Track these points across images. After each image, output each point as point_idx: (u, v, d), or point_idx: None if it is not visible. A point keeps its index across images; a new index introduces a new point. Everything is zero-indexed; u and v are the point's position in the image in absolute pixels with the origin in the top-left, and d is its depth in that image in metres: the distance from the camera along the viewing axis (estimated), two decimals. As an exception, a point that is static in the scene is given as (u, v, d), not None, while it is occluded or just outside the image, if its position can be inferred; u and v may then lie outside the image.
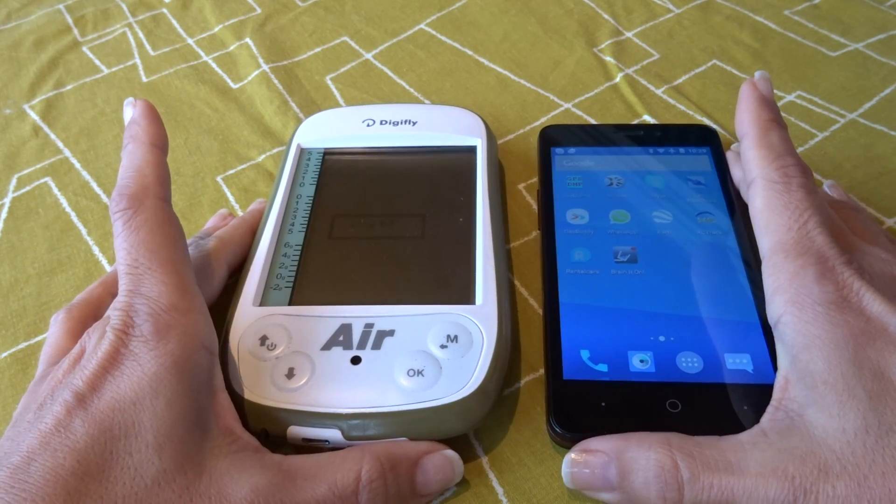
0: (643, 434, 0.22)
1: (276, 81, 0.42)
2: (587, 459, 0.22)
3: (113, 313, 0.22)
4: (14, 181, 0.37)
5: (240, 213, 0.35)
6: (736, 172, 0.31)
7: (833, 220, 0.25)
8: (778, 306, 0.23)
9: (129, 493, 0.19)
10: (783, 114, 0.37)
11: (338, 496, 0.21)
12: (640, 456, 0.21)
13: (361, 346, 0.25)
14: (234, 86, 0.42)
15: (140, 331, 0.21)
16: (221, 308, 0.30)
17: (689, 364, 0.25)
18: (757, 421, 0.24)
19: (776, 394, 0.22)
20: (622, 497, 0.22)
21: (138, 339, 0.21)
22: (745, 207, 0.26)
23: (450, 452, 0.23)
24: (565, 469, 0.23)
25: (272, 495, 0.20)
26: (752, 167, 0.25)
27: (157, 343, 0.21)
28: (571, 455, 0.23)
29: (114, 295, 0.27)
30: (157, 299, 0.22)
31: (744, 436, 0.21)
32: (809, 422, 0.21)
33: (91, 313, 0.26)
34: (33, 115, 0.41)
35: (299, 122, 0.37)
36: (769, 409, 0.22)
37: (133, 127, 0.25)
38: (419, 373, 0.24)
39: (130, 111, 0.26)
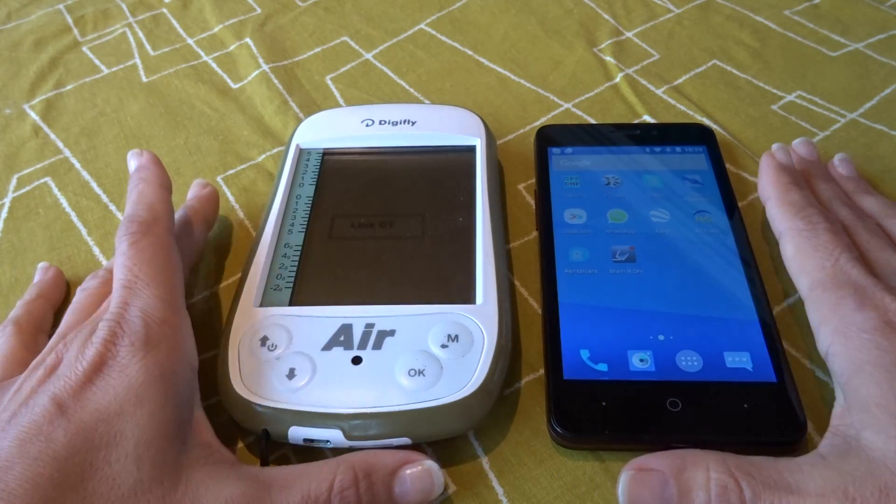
0: (698, 453, 0.22)
1: (276, 81, 0.42)
2: (645, 479, 0.22)
3: (103, 324, 0.22)
4: (14, 181, 0.37)
5: (240, 214, 0.35)
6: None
7: (868, 251, 0.26)
8: (825, 337, 0.24)
9: (106, 503, 0.19)
10: (783, 113, 0.38)
11: None
12: (700, 476, 0.21)
13: (362, 346, 0.25)
14: (234, 86, 0.42)
15: (130, 340, 0.22)
16: (222, 308, 0.30)
17: (689, 363, 0.25)
18: (757, 419, 0.24)
19: (833, 420, 0.23)
20: None
21: (127, 348, 0.21)
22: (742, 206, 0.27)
23: (430, 464, 0.23)
24: (622, 488, 0.22)
25: None
26: (779, 223, 0.27)
27: (147, 353, 0.21)
28: (628, 473, 0.22)
29: (55, 306, 0.29)
30: (151, 312, 0.22)
31: (801, 458, 0.22)
32: (866, 445, 0.21)
33: (38, 326, 0.28)
34: (33, 115, 0.41)
35: (299, 122, 0.37)
36: (827, 434, 0.23)
37: (143, 171, 0.28)
38: (420, 373, 0.24)
39: (137, 160, 0.28)
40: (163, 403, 0.21)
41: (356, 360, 0.25)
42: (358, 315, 0.26)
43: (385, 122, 0.35)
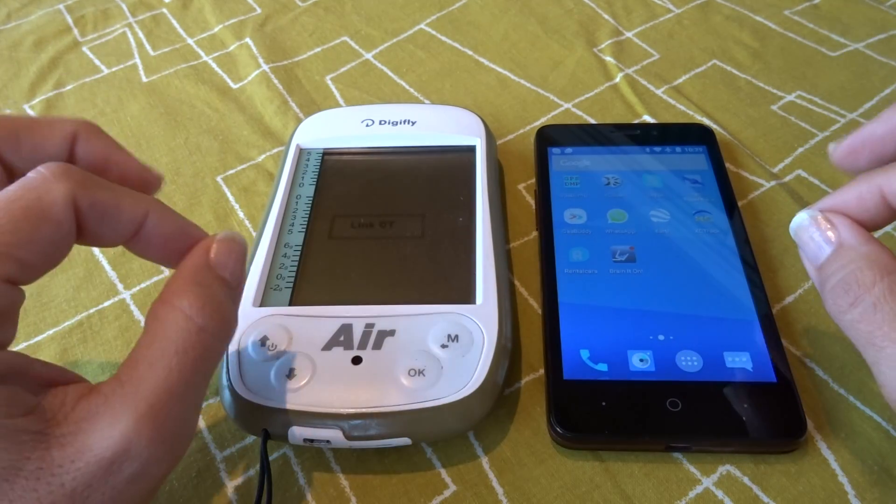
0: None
1: (276, 81, 0.42)
2: (814, 233, 0.22)
3: None
4: (14, 181, 0.37)
5: (240, 215, 0.35)
6: None
7: None
8: None
9: None
10: (783, 113, 0.38)
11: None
12: (865, 277, 0.20)
13: (362, 346, 0.25)
14: (234, 86, 0.42)
15: None
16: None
17: (689, 363, 0.25)
18: (757, 419, 0.24)
19: None
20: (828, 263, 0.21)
21: None
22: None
23: (221, 236, 0.21)
24: (798, 223, 0.23)
25: None
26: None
27: None
28: (812, 217, 0.23)
29: None
30: None
31: None
32: None
33: None
34: (33, 116, 0.41)
35: (299, 122, 0.37)
36: None
37: None
38: (420, 372, 0.24)
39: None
40: None
41: (356, 360, 0.25)
42: (358, 315, 0.26)
43: (385, 122, 0.35)
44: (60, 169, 0.19)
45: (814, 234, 0.22)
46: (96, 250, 0.33)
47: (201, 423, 0.27)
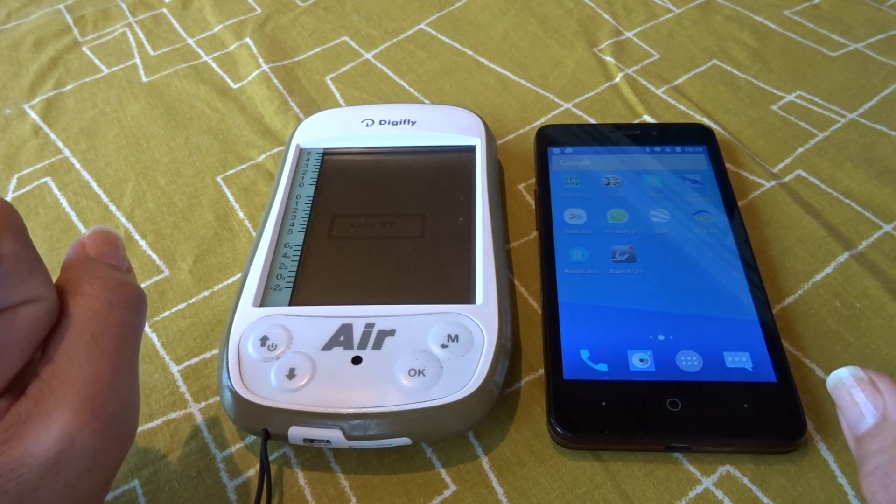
0: None
1: (276, 81, 0.42)
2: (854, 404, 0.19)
3: None
4: (14, 181, 0.37)
5: (240, 215, 0.35)
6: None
7: None
8: None
9: None
10: (783, 113, 0.38)
11: None
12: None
13: (362, 346, 0.25)
14: (234, 86, 0.42)
15: None
16: (222, 308, 0.30)
17: (689, 363, 0.26)
18: (757, 419, 0.24)
19: None
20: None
21: None
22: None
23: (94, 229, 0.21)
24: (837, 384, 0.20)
25: None
26: None
27: None
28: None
29: None
30: None
31: None
32: None
33: None
34: (33, 115, 0.41)
35: (299, 122, 0.37)
36: None
37: None
38: (420, 372, 0.24)
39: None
40: None
41: (356, 360, 0.25)
42: (358, 315, 0.26)
43: (385, 122, 0.35)
44: None
45: (858, 395, 0.19)
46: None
47: (201, 423, 0.27)
